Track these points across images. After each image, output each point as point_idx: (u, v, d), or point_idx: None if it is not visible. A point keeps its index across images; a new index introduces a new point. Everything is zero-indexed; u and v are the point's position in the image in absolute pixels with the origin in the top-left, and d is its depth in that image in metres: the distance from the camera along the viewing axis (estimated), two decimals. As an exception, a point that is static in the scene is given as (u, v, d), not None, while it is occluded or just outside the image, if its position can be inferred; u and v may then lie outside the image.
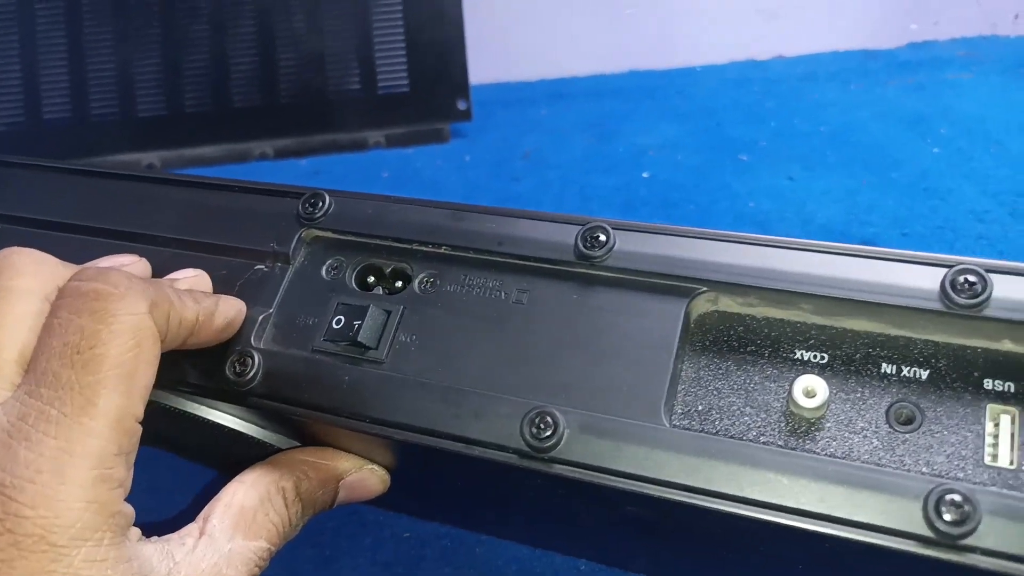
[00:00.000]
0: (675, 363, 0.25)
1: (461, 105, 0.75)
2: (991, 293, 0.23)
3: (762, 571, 0.29)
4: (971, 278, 0.23)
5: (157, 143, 0.76)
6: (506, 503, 0.31)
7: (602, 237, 0.27)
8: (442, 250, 0.29)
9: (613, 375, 0.25)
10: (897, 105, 0.76)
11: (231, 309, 0.27)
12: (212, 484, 0.40)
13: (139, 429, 0.22)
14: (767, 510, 0.22)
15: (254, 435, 0.30)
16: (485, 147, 0.73)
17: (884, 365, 0.24)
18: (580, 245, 0.27)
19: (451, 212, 0.29)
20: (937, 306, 0.24)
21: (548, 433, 0.24)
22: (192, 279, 0.28)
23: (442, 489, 0.32)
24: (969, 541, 0.20)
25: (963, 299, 0.23)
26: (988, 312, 0.23)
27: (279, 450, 0.30)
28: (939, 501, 0.21)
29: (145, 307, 0.22)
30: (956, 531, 0.20)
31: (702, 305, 0.26)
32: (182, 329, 0.24)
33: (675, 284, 0.26)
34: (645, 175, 0.67)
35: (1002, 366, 0.24)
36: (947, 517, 0.21)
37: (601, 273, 0.27)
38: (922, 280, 0.24)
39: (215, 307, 0.26)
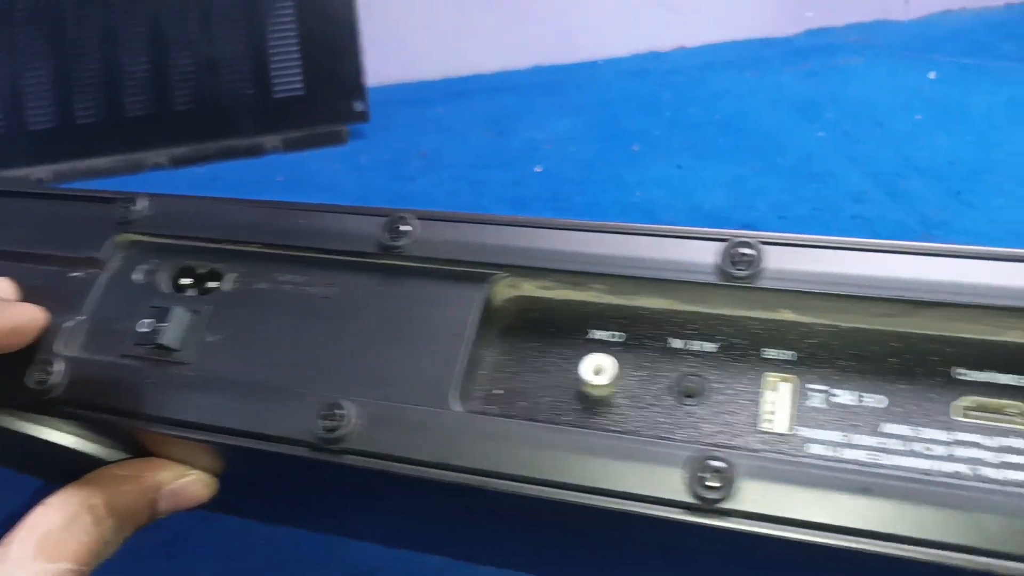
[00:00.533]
0: (473, 348, 0.25)
1: (358, 106, 0.74)
2: (766, 264, 0.24)
3: (582, 554, 0.29)
4: (746, 251, 0.24)
5: (48, 156, 0.75)
6: (334, 501, 0.30)
7: (403, 228, 0.27)
8: (252, 248, 0.28)
9: (411, 364, 0.25)
10: (789, 92, 0.78)
11: (21, 316, 0.26)
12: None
13: None
14: (549, 488, 0.22)
15: (75, 447, 0.29)
16: (382, 147, 0.72)
17: (672, 340, 0.25)
18: (383, 237, 0.27)
19: (265, 210, 0.29)
20: (717, 279, 0.24)
21: (338, 424, 0.24)
22: (-13, 288, 0.27)
23: (272, 490, 0.32)
24: (726, 504, 0.21)
25: (740, 271, 0.24)
26: (764, 283, 0.24)
27: (106, 462, 0.30)
28: (702, 468, 0.21)
29: None
30: (715, 496, 0.21)
31: (504, 290, 0.26)
32: None
33: (475, 271, 0.26)
34: (538, 169, 0.67)
35: (781, 335, 0.24)
36: (709, 483, 0.21)
37: (403, 263, 0.27)
38: (703, 255, 0.24)
39: (-4, 314, 0.25)
